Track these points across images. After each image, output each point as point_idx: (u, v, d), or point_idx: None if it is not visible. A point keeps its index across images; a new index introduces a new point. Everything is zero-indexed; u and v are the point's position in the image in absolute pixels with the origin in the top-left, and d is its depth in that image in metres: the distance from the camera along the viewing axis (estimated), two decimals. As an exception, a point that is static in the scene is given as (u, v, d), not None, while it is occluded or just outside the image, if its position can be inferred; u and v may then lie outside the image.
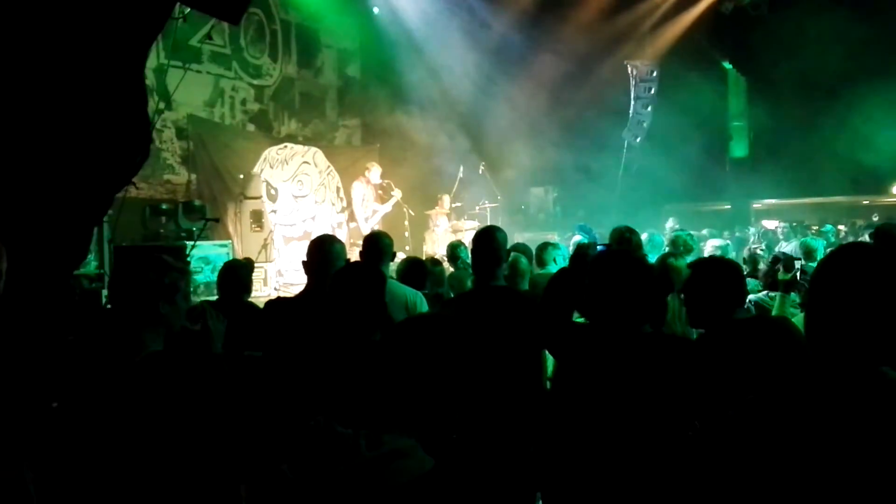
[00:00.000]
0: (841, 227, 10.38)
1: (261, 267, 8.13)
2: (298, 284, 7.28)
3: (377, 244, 3.36)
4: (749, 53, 13.39)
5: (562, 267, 2.63)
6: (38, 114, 2.43)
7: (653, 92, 12.31)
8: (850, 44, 10.82)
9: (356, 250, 3.78)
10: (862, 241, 4.75)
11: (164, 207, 8.24)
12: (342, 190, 10.99)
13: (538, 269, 4.21)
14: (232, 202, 9.34)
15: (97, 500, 1.63)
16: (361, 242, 3.51)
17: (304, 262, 2.90)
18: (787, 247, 6.55)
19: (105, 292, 5.09)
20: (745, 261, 5.04)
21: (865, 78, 11.01)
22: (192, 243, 6.68)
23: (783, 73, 12.05)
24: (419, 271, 3.93)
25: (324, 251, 2.85)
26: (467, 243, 3.37)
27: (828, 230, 9.10)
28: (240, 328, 2.56)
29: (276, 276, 9.05)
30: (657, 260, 3.68)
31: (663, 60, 12.51)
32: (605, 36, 11.71)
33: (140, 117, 2.69)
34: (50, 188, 2.46)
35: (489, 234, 2.96)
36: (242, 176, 9.61)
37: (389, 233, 3.63)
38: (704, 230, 9.32)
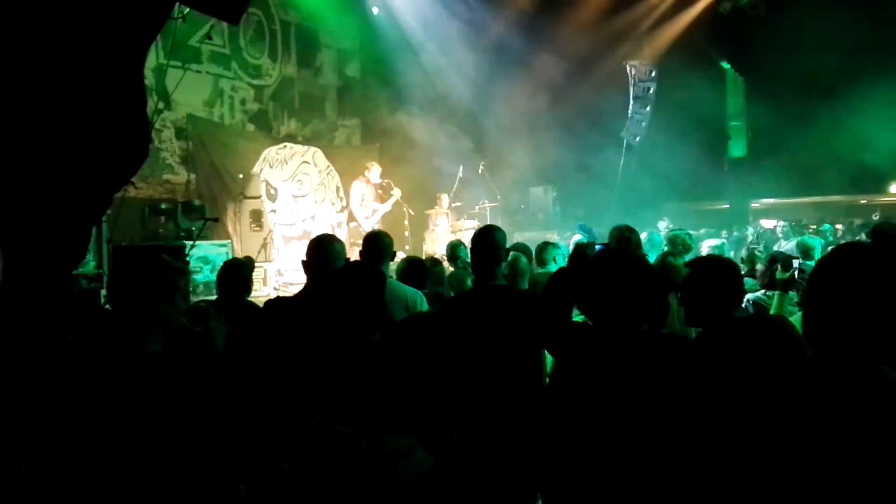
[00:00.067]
0: (838, 227, 10.39)
1: (260, 267, 8.13)
2: (298, 284, 7.26)
3: (377, 243, 3.36)
4: (747, 53, 13.40)
5: (560, 266, 2.64)
6: (37, 113, 2.43)
7: (651, 92, 12.32)
8: (848, 43, 10.82)
9: (356, 250, 3.78)
10: (860, 241, 4.77)
11: (164, 207, 8.23)
12: (342, 190, 10.99)
13: (538, 269, 4.22)
14: (231, 202, 9.34)
15: (96, 500, 1.63)
16: (361, 242, 3.51)
17: (304, 262, 2.90)
18: (787, 246, 6.55)
19: (104, 292, 5.09)
20: (743, 260, 5.04)
21: (863, 77, 11.01)
22: (192, 243, 6.69)
23: (781, 73, 12.08)
24: (419, 271, 3.93)
25: (323, 251, 2.85)
26: (467, 243, 3.37)
27: (825, 229, 9.12)
28: (239, 328, 2.56)
29: (276, 276, 9.05)
30: (656, 259, 3.69)
31: (662, 60, 12.53)
32: (604, 36, 11.73)
33: (139, 117, 2.69)
34: (49, 188, 2.46)
35: (488, 234, 2.96)
36: (242, 176, 9.61)
37: (389, 232, 3.62)
38: (702, 230, 9.33)
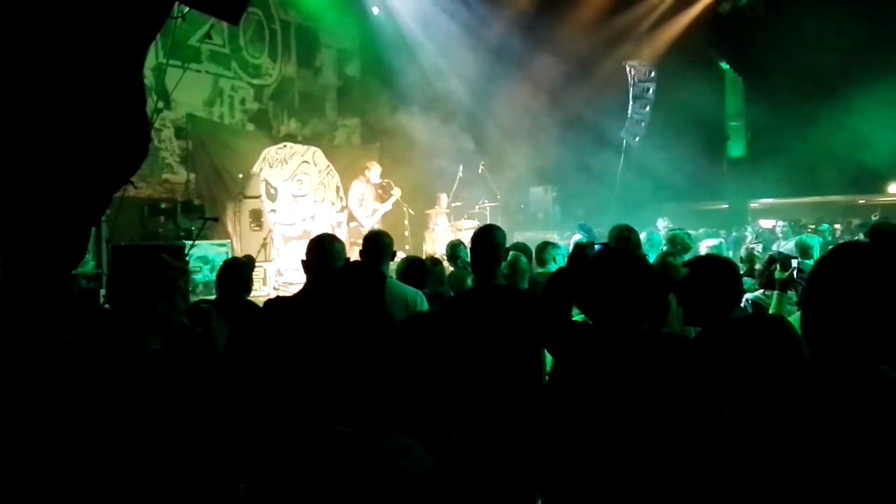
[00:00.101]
0: (837, 227, 10.40)
1: (260, 266, 8.12)
2: (298, 284, 7.26)
3: (377, 243, 3.36)
4: (746, 53, 13.40)
5: (560, 266, 2.64)
6: (37, 113, 2.43)
7: (651, 92, 12.33)
8: (848, 44, 10.84)
9: (356, 250, 3.78)
10: (858, 240, 4.77)
11: (163, 207, 8.22)
12: (342, 189, 10.99)
13: (538, 269, 4.22)
14: (231, 201, 9.33)
15: (96, 500, 1.63)
16: (361, 242, 3.51)
17: (304, 262, 2.90)
18: (787, 245, 6.55)
19: (103, 292, 5.09)
20: (742, 259, 5.04)
21: (862, 77, 11.03)
22: (191, 243, 6.69)
23: (780, 73, 12.08)
24: (419, 270, 3.93)
25: (323, 250, 2.85)
26: (467, 242, 3.37)
27: (824, 229, 9.13)
28: (239, 327, 2.56)
29: (276, 276, 9.05)
30: (656, 258, 3.69)
31: (661, 61, 12.53)
32: (604, 36, 11.73)
33: (139, 117, 2.69)
34: (48, 187, 2.46)
35: (487, 233, 2.96)
36: (242, 175, 9.60)
37: (389, 232, 3.62)
38: (701, 229, 9.34)
